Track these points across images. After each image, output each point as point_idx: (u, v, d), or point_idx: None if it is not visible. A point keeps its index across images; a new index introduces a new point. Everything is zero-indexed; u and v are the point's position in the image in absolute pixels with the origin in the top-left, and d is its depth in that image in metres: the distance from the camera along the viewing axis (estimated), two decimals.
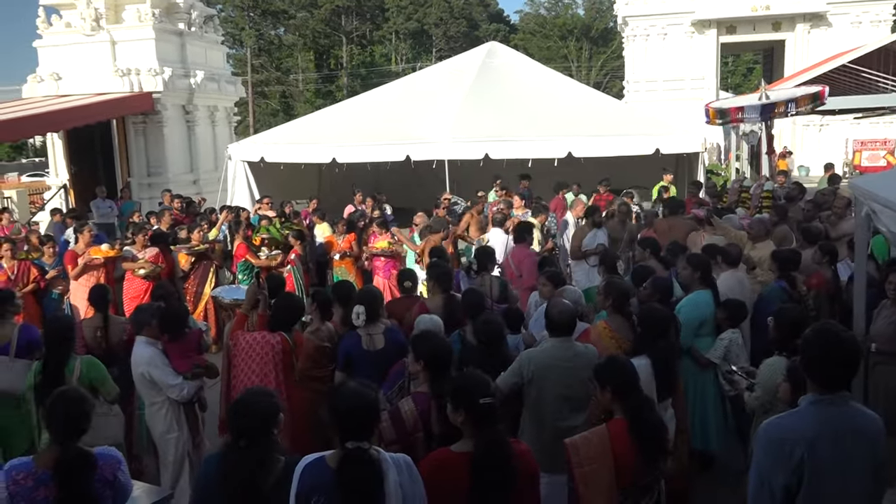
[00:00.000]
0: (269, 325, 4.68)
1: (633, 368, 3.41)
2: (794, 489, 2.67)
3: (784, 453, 2.65)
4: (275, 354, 4.46)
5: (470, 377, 3.06)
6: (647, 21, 28.15)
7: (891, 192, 4.34)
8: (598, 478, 3.14)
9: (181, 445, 4.75)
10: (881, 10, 27.10)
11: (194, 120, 18.15)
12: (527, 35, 63.86)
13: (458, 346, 4.56)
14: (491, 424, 2.88)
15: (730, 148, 23.78)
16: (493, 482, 2.79)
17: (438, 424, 3.44)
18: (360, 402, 2.69)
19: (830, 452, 2.63)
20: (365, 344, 4.50)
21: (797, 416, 2.75)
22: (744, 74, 55.80)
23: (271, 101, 54.66)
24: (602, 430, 3.27)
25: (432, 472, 2.85)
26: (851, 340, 2.75)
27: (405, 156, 12.32)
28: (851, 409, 2.75)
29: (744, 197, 11.72)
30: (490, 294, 5.82)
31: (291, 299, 4.90)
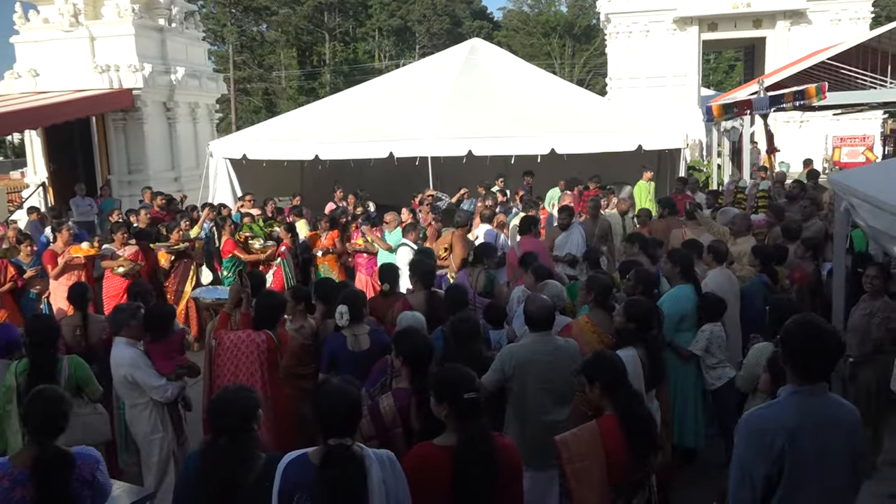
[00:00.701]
0: (254, 324, 4.64)
1: (622, 364, 3.42)
2: (774, 479, 2.69)
3: (765, 444, 2.67)
4: (260, 353, 4.43)
5: (454, 371, 3.06)
6: (629, 18, 28.25)
7: (869, 187, 4.38)
8: (589, 475, 3.15)
9: (166, 446, 4.71)
10: (860, 8, 27.38)
11: (175, 117, 17.99)
12: (510, 32, 63.90)
13: (440, 343, 4.55)
14: (475, 418, 2.89)
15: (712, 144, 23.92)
16: (477, 475, 2.79)
17: (418, 421, 3.44)
18: (343, 400, 2.69)
19: (810, 443, 2.66)
20: (350, 345, 4.49)
21: (777, 406, 2.77)
22: (725, 72, 56.22)
23: (254, 98, 54.29)
24: (593, 426, 3.27)
25: (415, 465, 2.85)
26: (832, 333, 2.78)
27: (388, 152, 12.29)
28: (830, 399, 2.79)
29: (739, 197, 11.79)
30: (475, 286, 5.84)
31: (274, 297, 4.87)
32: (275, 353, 4.50)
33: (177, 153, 18.07)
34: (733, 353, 5.55)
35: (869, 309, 5.12)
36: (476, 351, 4.25)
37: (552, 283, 5.37)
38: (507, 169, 13.71)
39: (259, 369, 4.36)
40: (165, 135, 17.87)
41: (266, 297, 4.83)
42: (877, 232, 4.04)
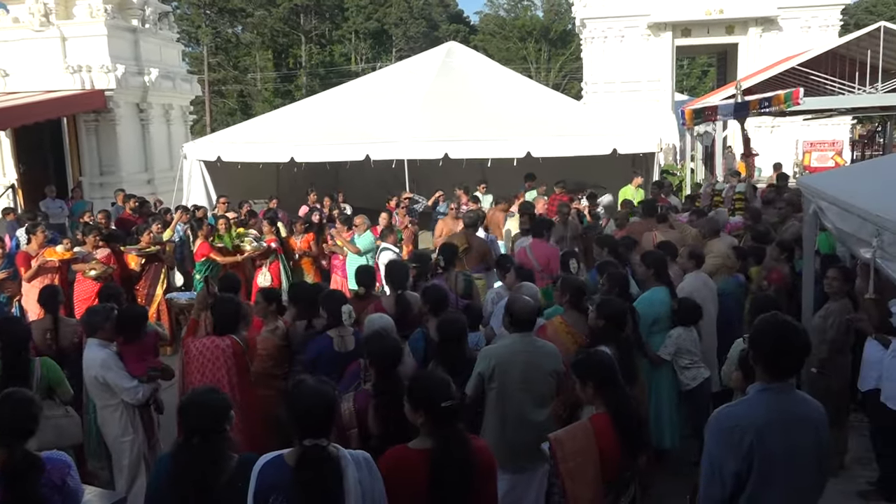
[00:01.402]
0: (214, 330, 4.58)
1: (613, 363, 3.45)
2: (744, 476, 2.74)
3: (734, 441, 2.72)
4: (226, 358, 4.38)
5: (430, 378, 3.08)
6: (604, 23, 28.50)
7: (836, 190, 4.47)
8: (583, 472, 3.18)
9: (136, 448, 4.68)
10: (829, 16, 27.88)
11: (148, 118, 17.81)
12: (486, 36, 64.12)
13: (420, 345, 4.57)
14: (451, 424, 2.90)
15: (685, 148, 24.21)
16: (453, 479, 2.80)
17: (375, 424, 3.45)
18: (318, 400, 2.68)
19: (778, 439, 2.71)
20: (337, 345, 4.51)
21: (746, 404, 2.83)
22: (699, 77, 56.91)
23: (229, 101, 53.85)
24: (586, 424, 3.30)
25: (391, 468, 2.85)
26: (800, 332, 2.84)
27: (365, 155, 12.26)
28: (797, 396, 2.85)
29: (717, 200, 11.93)
30: (454, 289, 5.86)
31: (230, 302, 4.79)
32: (242, 357, 4.44)
33: (150, 155, 17.88)
34: (709, 354, 5.61)
35: (826, 311, 5.23)
36: (462, 351, 4.27)
37: (528, 285, 5.41)
38: (483, 172, 13.76)
39: (226, 374, 4.30)
40: (138, 136, 17.68)
41: (221, 303, 4.76)
42: (844, 234, 4.12)
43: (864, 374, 5.11)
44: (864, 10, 56.23)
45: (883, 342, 4.82)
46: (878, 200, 3.79)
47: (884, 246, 3.36)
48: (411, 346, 4.60)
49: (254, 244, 9.13)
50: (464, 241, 8.15)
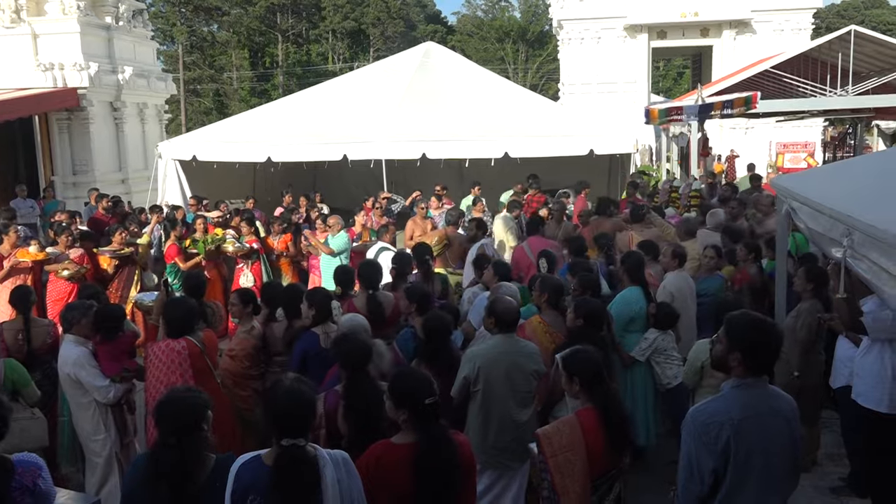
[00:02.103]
0: (167, 333, 4.52)
1: (601, 360, 3.47)
2: (721, 472, 2.80)
3: (711, 437, 2.78)
4: (182, 360, 4.31)
5: (412, 376, 3.09)
6: (581, 25, 28.67)
7: (809, 190, 4.54)
8: (571, 466, 3.22)
9: (109, 447, 4.68)
10: (801, 19, 28.31)
11: (122, 117, 17.58)
12: (464, 37, 64.20)
13: (412, 344, 4.57)
14: (434, 420, 2.92)
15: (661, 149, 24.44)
16: (439, 474, 2.83)
17: (344, 425, 3.44)
18: (296, 400, 2.68)
19: (754, 433, 2.78)
20: (324, 342, 4.50)
21: (721, 400, 2.89)
22: (674, 79, 57.49)
23: (204, 100, 53.33)
24: (572, 419, 3.34)
25: (376, 463, 2.88)
26: (774, 328, 2.91)
27: (342, 155, 12.21)
28: (770, 391, 2.92)
29: (673, 196, 12.10)
30: (432, 290, 5.89)
31: (181, 304, 4.74)
32: (200, 358, 4.37)
33: (124, 154, 17.66)
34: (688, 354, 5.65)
35: (797, 311, 5.31)
36: (447, 348, 4.30)
37: (507, 284, 5.42)
38: (461, 172, 13.77)
39: (180, 377, 4.24)
40: (112, 135, 17.45)
41: (171, 306, 4.71)
42: (815, 234, 4.18)
43: (836, 372, 5.20)
44: (836, 14, 57.22)
45: (854, 340, 4.91)
46: (849, 201, 3.86)
47: (854, 246, 3.41)
48: (401, 346, 4.62)
49: (237, 245, 9.04)
50: (443, 238, 8.21)
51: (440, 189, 11.89)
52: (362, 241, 9.37)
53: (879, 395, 4.56)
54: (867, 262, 3.25)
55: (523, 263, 7.09)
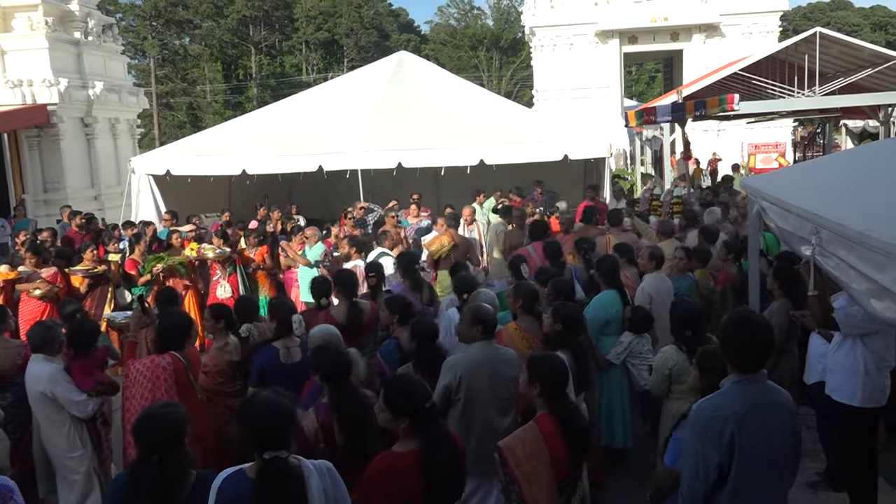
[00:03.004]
0: (157, 347, 4.48)
1: (566, 371, 3.47)
2: (726, 468, 2.85)
3: (716, 431, 2.83)
4: (167, 377, 4.27)
5: (406, 382, 3.10)
6: (553, 31, 28.91)
7: (778, 190, 4.61)
8: (537, 474, 3.21)
9: (86, 462, 4.63)
10: (769, 22, 28.80)
11: (94, 133, 17.40)
12: (438, 45, 64.41)
13: (396, 355, 4.56)
14: (435, 423, 2.96)
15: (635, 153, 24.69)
16: (446, 475, 2.87)
17: (340, 436, 3.43)
18: (275, 411, 2.66)
19: (758, 426, 2.84)
20: (283, 357, 4.45)
21: (725, 395, 2.94)
22: (647, 83, 58.13)
23: (178, 113, 52.95)
24: (532, 427, 3.34)
25: (384, 475, 2.88)
26: (765, 325, 2.99)
27: (317, 166, 12.18)
28: (769, 386, 3.00)
29: (654, 204, 12.17)
30: (421, 298, 5.90)
31: (177, 317, 4.71)
32: (185, 374, 4.34)
33: (96, 170, 17.48)
34: None
35: (769, 310, 5.39)
36: (439, 351, 4.31)
37: (485, 291, 5.43)
38: (437, 181, 13.79)
39: (166, 394, 4.20)
40: (84, 152, 17.26)
41: (168, 318, 4.68)
42: (785, 233, 4.24)
43: (810, 368, 5.26)
44: (802, 16, 58.23)
45: (825, 337, 4.98)
46: (817, 199, 3.92)
47: (822, 244, 3.47)
48: (385, 357, 4.60)
49: (217, 251, 8.97)
50: (451, 239, 8.34)
51: (416, 198, 11.92)
52: (340, 251, 9.35)
53: (852, 390, 4.62)
54: (835, 259, 3.30)
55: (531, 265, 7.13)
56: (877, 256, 2.74)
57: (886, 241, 2.66)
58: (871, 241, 2.79)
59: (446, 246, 8.37)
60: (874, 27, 59.93)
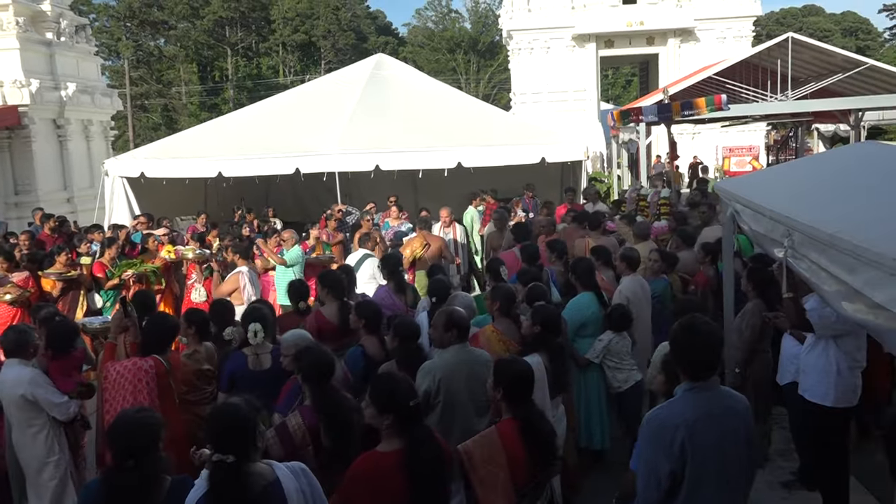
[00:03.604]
0: (140, 350, 4.43)
1: (531, 377, 3.46)
2: (679, 475, 2.85)
3: (666, 440, 2.83)
4: (149, 380, 4.21)
5: (393, 380, 3.10)
6: (530, 35, 29.07)
7: (750, 193, 4.66)
8: (494, 478, 3.21)
9: (63, 467, 4.57)
10: (742, 27, 29.23)
11: (66, 135, 17.17)
12: (415, 48, 64.46)
13: (362, 363, 4.52)
14: (419, 423, 2.97)
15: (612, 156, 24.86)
16: (429, 475, 2.87)
17: (327, 438, 3.42)
18: (228, 416, 2.67)
19: (709, 432, 2.85)
20: (251, 364, 4.41)
21: (675, 403, 2.96)
22: (623, 86, 58.61)
23: (152, 115, 52.39)
24: (491, 431, 3.33)
25: (367, 472, 2.88)
26: (712, 330, 2.97)
27: (294, 168, 12.10)
28: (722, 391, 3.01)
29: (642, 205, 12.24)
30: (406, 300, 5.89)
31: (164, 320, 4.66)
32: (165, 378, 4.29)
33: (69, 173, 17.24)
34: (644, 355, 5.73)
35: (742, 311, 5.45)
36: (418, 347, 4.31)
37: (462, 294, 5.43)
38: (415, 183, 13.78)
39: (147, 397, 4.15)
40: (56, 154, 17.03)
41: (155, 321, 4.63)
42: (758, 235, 4.30)
43: (783, 369, 5.33)
44: (775, 22, 59.07)
45: (798, 338, 5.04)
46: (789, 202, 3.97)
47: (794, 246, 3.51)
48: (349, 364, 4.54)
49: (197, 252, 8.88)
50: (423, 241, 8.48)
51: (392, 200, 11.90)
52: (315, 254, 9.31)
53: (825, 390, 4.69)
54: (807, 261, 3.35)
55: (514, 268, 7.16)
56: (847, 259, 2.78)
57: (857, 243, 2.69)
58: (842, 244, 2.83)
59: (418, 249, 8.42)
60: (845, 33, 61.01)
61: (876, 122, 27.10)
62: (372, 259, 8.20)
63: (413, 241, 8.74)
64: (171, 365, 4.37)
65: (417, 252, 8.46)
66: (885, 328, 2.52)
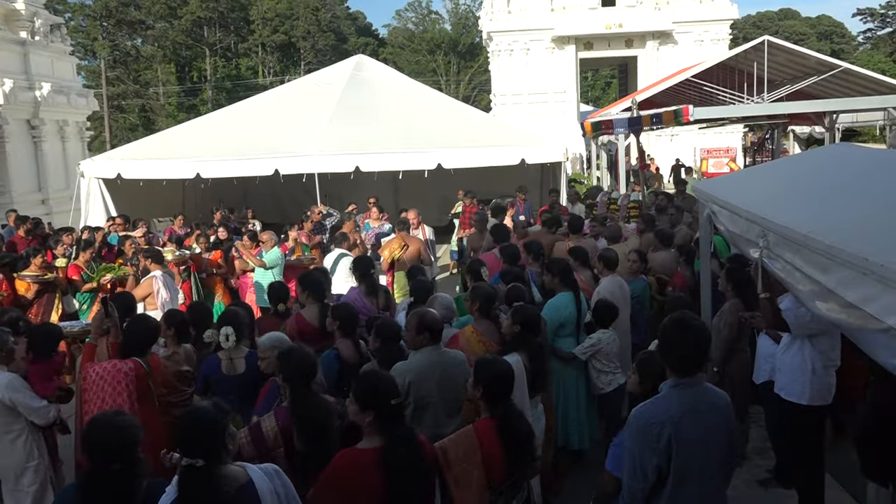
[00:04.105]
0: (120, 352, 4.37)
1: (511, 377, 3.46)
2: (664, 469, 2.91)
3: (653, 435, 2.89)
4: (129, 382, 4.15)
5: (377, 378, 3.11)
6: (510, 37, 29.17)
7: (727, 194, 4.71)
8: (469, 477, 3.21)
9: (42, 472, 4.51)
10: (720, 30, 29.57)
11: (41, 135, 16.94)
12: (396, 49, 64.41)
13: (336, 366, 4.49)
14: (400, 421, 2.98)
15: (591, 158, 25.00)
16: (407, 474, 2.87)
17: (300, 441, 3.40)
18: (196, 420, 2.65)
19: (693, 428, 2.91)
20: (225, 368, 4.38)
21: (661, 400, 3.01)
22: (602, 88, 59.03)
23: (129, 116, 51.82)
24: (469, 430, 3.34)
25: (345, 469, 2.88)
26: (701, 327, 3.04)
27: (274, 170, 12.04)
28: (705, 387, 3.06)
29: (612, 208, 12.34)
30: (377, 302, 5.86)
31: (145, 321, 4.61)
32: (145, 381, 4.24)
33: (44, 174, 17.01)
34: (624, 355, 5.76)
35: (720, 311, 5.50)
36: (400, 349, 4.30)
37: (442, 296, 5.41)
38: (395, 184, 13.77)
39: (127, 400, 4.09)
40: (30, 154, 16.79)
41: (136, 322, 4.58)
42: (734, 236, 4.34)
43: (759, 368, 5.38)
44: (752, 25, 59.80)
45: (773, 337, 5.10)
46: (764, 203, 4.02)
47: (770, 246, 3.55)
48: (323, 368, 4.50)
49: (176, 253, 8.79)
50: (401, 242, 8.47)
51: (372, 202, 11.88)
52: (295, 255, 9.27)
53: (801, 389, 4.74)
54: (782, 261, 3.38)
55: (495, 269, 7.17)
56: (821, 259, 2.82)
57: (830, 244, 2.73)
58: (816, 244, 2.86)
59: (396, 250, 8.44)
60: (820, 36, 61.91)
61: (850, 125, 27.53)
62: (347, 259, 8.21)
63: (391, 243, 8.73)
64: (151, 367, 4.33)
65: (396, 253, 8.45)
66: (856, 327, 2.55)
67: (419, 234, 10.02)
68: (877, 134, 33.93)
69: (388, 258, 8.51)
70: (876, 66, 44.53)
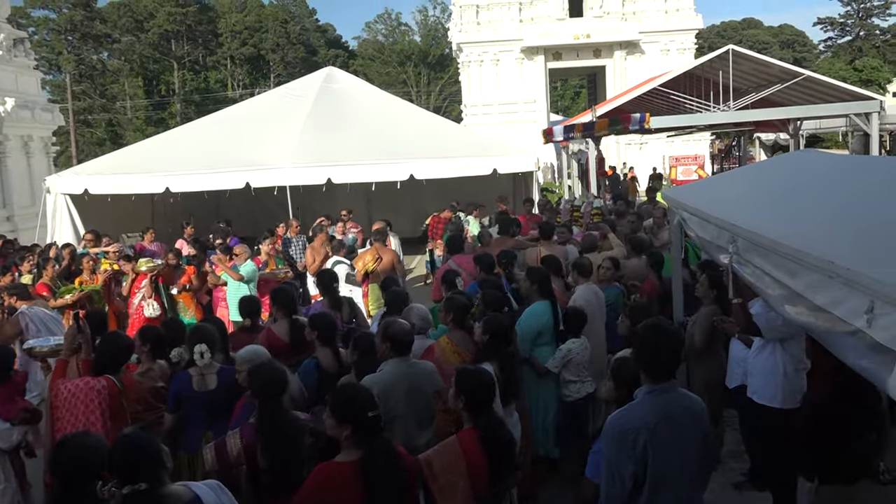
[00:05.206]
0: (93, 369, 4.29)
1: (493, 387, 3.45)
2: (640, 476, 2.92)
3: (628, 442, 2.91)
4: (101, 400, 4.07)
5: (354, 391, 3.09)
6: (479, 48, 29.35)
7: (696, 201, 4.78)
8: (454, 487, 3.20)
9: (10, 496, 4.42)
10: (685, 40, 30.05)
11: (5, 151, 16.63)
12: (366, 61, 64.43)
13: (315, 375, 4.45)
14: (378, 434, 2.94)
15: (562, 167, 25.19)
16: (386, 487, 2.84)
17: (263, 458, 3.36)
18: (131, 446, 2.59)
19: (669, 433, 2.93)
20: (196, 385, 4.30)
21: (637, 406, 3.03)
22: (572, 98, 59.59)
23: (96, 130, 51.09)
24: (453, 441, 3.32)
25: (323, 483, 2.85)
26: (675, 332, 3.09)
27: (245, 183, 11.95)
28: (679, 393, 3.09)
29: (576, 216, 12.45)
30: (341, 316, 5.81)
31: (118, 338, 4.53)
32: (118, 399, 4.16)
33: (8, 190, 16.69)
34: (599, 365, 5.77)
35: (694, 317, 5.57)
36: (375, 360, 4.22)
37: (417, 306, 5.39)
38: (368, 196, 13.73)
39: (100, 418, 4.01)
40: None
41: (110, 339, 4.50)
42: (704, 242, 4.41)
43: (731, 372, 5.44)
44: (717, 34, 60.90)
45: (745, 342, 5.16)
46: (733, 209, 4.09)
47: (739, 252, 3.61)
48: (303, 377, 4.47)
49: (150, 264, 8.65)
50: (375, 254, 8.43)
51: (345, 213, 11.84)
52: (269, 269, 9.18)
53: (773, 392, 4.80)
54: (751, 266, 3.44)
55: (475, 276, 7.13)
56: (789, 263, 2.86)
57: (798, 248, 2.78)
58: (784, 249, 2.91)
59: (370, 262, 8.42)
60: (782, 45, 63.28)
61: (814, 131, 28.06)
62: (342, 266, 8.33)
63: (365, 255, 8.70)
64: (125, 385, 4.24)
65: (370, 265, 8.42)
66: (825, 330, 2.60)
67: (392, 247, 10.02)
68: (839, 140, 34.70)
69: (361, 269, 8.48)
70: (837, 73, 45.63)
